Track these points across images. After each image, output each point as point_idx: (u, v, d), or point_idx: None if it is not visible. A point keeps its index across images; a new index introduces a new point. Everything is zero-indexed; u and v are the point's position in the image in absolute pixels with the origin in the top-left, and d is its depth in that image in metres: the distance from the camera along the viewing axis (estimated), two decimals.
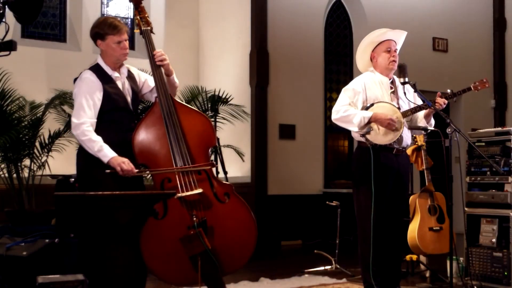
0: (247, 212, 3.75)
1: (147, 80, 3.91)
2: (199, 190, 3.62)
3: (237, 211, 3.73)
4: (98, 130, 3.61)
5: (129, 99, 3.76)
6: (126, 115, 3.73)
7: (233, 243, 3.69)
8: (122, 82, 3.75)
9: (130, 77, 3.83)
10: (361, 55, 4.34)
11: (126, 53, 3.72)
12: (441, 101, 4.15)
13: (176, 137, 3.67)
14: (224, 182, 3.83)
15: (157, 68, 3.79)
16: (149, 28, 3.86)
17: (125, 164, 3.52)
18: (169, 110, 3.70)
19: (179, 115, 3.74)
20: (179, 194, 3.59)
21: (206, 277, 3.57)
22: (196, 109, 4.26)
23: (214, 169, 5.29)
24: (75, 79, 3.70)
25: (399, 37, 4.30)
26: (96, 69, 3.68)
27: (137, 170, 3.57)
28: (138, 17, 3.89)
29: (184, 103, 4.07)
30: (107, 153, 3.53)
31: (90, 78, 3.62)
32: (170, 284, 3.94)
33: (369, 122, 4.05)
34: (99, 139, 3.56)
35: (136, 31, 3.90)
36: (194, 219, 3.55)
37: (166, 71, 3.84)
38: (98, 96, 3.61)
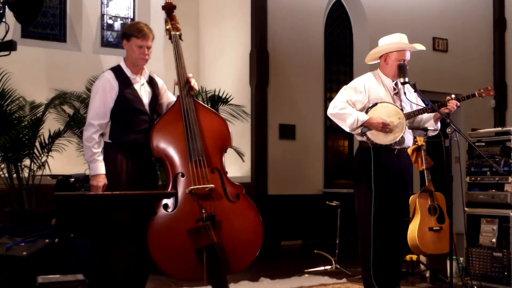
0: (255, 214, 3.82)
1: (166, 92, 4.07)
2: (211, 185, 3.70)
3: (245, 212, 3.80)
4: (111, 129, 3.74)
5: (146, 101, 3.86)
6: (141, 116, 3.83)
7: (238, 243, 3.73)
8: (140, 84, 3.87)
9: (152, 82, 3.96)
10: (377, 51, 4.30)
11: (144, 58, 3.85)
12: (453, 103, 4.14)
13: (193, 134, 3.77)
14: (235, 183, 3.88)
15: (182, 69, 3.95)
16: (178, 33, 4.09)
17: (99, 189, 3.68)
18: (188, 108, 3.83)
19: (198, 114, 3.86)
20: (191, 187, 3.66)
21: (210, 272, 3.59)
22: (215, 111, 4.34)
23: None
24: None
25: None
26: (116, 70, 3.85)
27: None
28: (170, 24, 4.12)
29: (204, 104, 4.24)
30: (98, 168, 3.69)
31: (107, 77, 3.79)
32: (173, 278, 3.96)
33: (362, 125, 4.05)
34: (98, 151, 3.71)
35: (166, 37, 4.13)
36: (203, 211, 3.60)
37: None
38: (112, 95, 3.75)
